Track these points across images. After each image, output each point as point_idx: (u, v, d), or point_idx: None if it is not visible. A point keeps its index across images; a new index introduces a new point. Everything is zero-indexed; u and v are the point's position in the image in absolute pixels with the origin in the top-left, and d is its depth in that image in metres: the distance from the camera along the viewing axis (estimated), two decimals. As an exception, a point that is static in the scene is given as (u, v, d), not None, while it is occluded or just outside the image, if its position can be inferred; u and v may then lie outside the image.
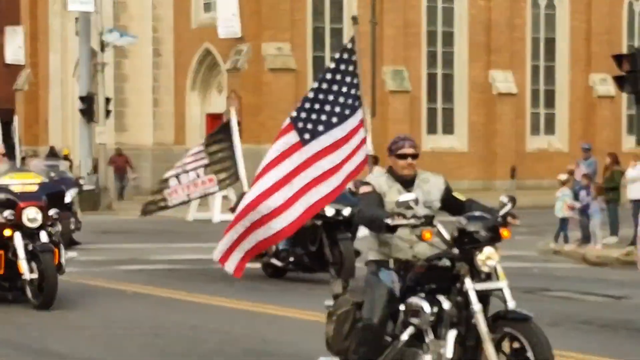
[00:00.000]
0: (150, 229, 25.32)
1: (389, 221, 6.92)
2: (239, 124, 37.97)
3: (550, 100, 43.12)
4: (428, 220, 6.91)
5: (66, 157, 35.46)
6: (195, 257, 19.56)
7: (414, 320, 7.03)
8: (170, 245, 22.41)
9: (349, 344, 7.40)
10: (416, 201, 6.99)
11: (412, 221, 6.90)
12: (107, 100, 33.39)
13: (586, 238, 21.01)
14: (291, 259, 15.65)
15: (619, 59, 24.91)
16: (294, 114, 11.05)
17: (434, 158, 34.75)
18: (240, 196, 16.26)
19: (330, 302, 7.75)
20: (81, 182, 16.03)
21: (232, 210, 17.00)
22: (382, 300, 7.12)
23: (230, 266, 11.51)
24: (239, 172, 17.26)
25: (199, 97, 42.49)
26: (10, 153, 14.83)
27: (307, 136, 10.74)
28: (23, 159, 16.22)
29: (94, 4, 31.56)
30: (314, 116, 10.80)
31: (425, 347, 7.00)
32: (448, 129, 41.13)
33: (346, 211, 14.81)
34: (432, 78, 41.50)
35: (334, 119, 10.66)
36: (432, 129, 40.91)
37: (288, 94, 38.23)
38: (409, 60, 40.35)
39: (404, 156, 7.32)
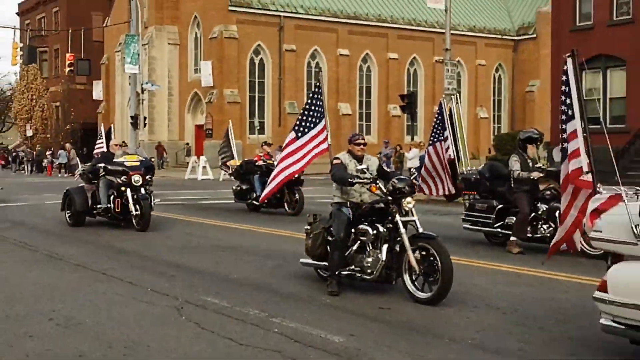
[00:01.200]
0: (162, 184, 24.70)
1: (352, 180, 6.79)
2: (211, 130, 37.88)
3: (368, 118, 43.43)
4: (374, 180, 6.77)
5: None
6: (192, 197, 19.26)
7: (362, 238, 6.80)
8: (178, 192, 21.95)
9: (320, 250, 7.11)
10: (367, 169, 6.89)
11: (366, 180, 6.77)
12: (144, 118, 32.56)
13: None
14: (265, 200, 14.76)
15: (402, 97, 25.34)
16: (295, 126, 10.95)
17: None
18: (239, 166, 16.04)
19: (307, 226, 7.40)
20: (152, 160, 15.68)
21: (231, 175, 16.93)
22: (344, 223, 6.86)
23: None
24: (234, 155, 17.03)
25: (191, 117, 41.79)
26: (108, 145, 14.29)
27: (299, 134, 10.66)
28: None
29: (138, 68, 30.68)
30: (304, 123, 10.69)
31: (367, 253, 6.74)
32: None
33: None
34: (310, 106, 41.46)
35: (311, 125, 10.54)
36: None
37: (236, 115, 37.82)
38: (297, 97, 40.16)
39: (358, 144, 7.17)
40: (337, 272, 6.87)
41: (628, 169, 20.07)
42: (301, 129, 10.85)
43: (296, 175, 13.82)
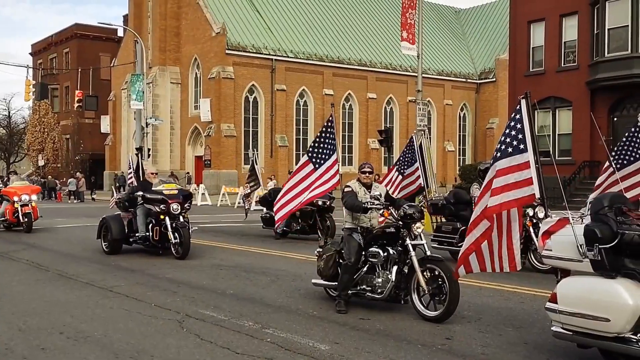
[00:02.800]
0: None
1: (365, 206, 6.58)
2: (210, 161, 37.82)
3: (350, 150, 43.47)
4: (386, 206, 6.61)
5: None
6: (193, 221, 19.11)
7: (373, 260, 6.60)
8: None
9: (332, 271, 6.93)
10: (380, 196, 6.72)
11: (379, 206, 6.58)
12: (149, 149, 32.47)
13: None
14: (297, 227, 13.79)
15: (380, 132, 25.51)
16: (309, 151, 9.75)
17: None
18: (267, 194, 14.92)
19: (319, 249, 7.22)
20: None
21: (258, 203, 15.43)
22: (355, 248, 6.67)
23: None
24: (260, 182, 16.04)
25: (191, 148, 41.49)
26: (140, 175, 13.27)
27: (317, 165, 9.47)
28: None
29: (143, 104, 30.68)
30: (320, 154, 9.60)
31: (378, 274, 6.55)
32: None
33: (328, 202, 13.57)
34: (297, 141, 41.41)
35: (326, 157, 9.93)
36: (297, 161, 40.69)
37: (232, 147, 37.90)
38: (287, 132, 40.31)
39: (364, 172, 6.94)
40: (346, 293, 6.71)
41: (574, 195, 20.50)
42: (319, 160, 10.45)
43: (327, 203, 13.39)
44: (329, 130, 10.33)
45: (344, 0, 47.70)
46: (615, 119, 22.88)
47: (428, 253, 6.37)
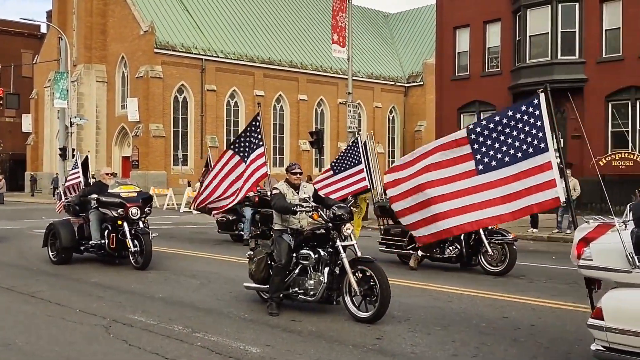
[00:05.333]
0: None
1: (295, 209, 6.47)
2: (137, 161, 36.68)
3: (281, 151, 43.21)
4: (315, 208, 6.49)
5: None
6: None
7: (304, 262, 6.51)
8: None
9: (263, 274, 6.80)
10: (309, 198, 6.64)
11: (308, 208, 6.48)
12: (73, 149, 31.11)
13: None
14: (257, 232, 12.07)
15: (311, 133, 25.52)
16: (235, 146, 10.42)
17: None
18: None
19: (249, 252, 7.10)
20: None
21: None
22: (285, 250, 6.56)
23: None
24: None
25: (118, 149, 40.16)
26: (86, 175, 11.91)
27: (245, 158, 10.34)
28: (93, 177, 13.36)
29: (67, 103, 29.38)
30: (245, 147, 10.34)
31: (309, 276, 6.49)
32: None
33: None
34: (228, 142, 40.63)
35: (254, 146, 10.06)
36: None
37: (161, 148, 36.98)
38: (217, 132, 39.72)
39: (294, 173, 6.81)
40: (278, 295, 6.62)
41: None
42: (246, 153, 10.52)
43: None
44: (255, 124, 10.44)
45: (276, 1, 47.65)
46: (535, 123, 23.97)
47: (359, 254, 6.36)
